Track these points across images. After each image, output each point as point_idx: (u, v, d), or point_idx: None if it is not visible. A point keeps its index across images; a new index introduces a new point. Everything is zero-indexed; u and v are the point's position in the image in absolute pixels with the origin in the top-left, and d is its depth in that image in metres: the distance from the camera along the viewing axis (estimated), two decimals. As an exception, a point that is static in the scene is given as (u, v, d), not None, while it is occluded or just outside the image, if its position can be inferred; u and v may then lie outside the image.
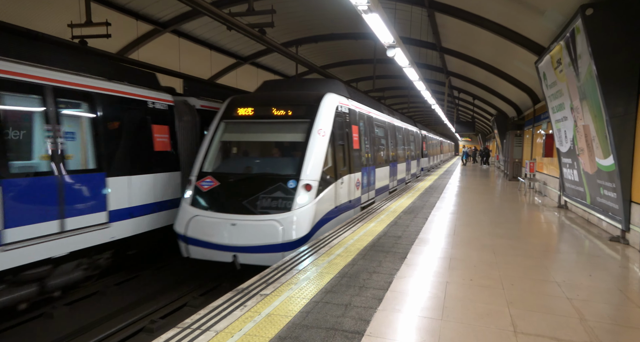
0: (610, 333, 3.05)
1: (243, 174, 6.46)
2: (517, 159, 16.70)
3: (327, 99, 7.01)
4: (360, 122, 8.91)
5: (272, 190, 6.00)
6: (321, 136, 6.48)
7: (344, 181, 7.34)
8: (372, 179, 9.82)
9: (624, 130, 5.56)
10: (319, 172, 6.23)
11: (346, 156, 7.54)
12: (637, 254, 5.39)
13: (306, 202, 5.90)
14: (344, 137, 7.54)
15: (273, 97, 7.25)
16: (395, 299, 3.60)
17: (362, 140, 9.05)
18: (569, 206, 9.19)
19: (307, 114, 6.70)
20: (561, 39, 6.66)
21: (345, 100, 7.92)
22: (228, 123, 7.06)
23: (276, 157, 7.06)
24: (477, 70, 13.93)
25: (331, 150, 6.75)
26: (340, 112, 7.32)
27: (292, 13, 11.50)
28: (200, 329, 3.00)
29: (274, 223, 5.64)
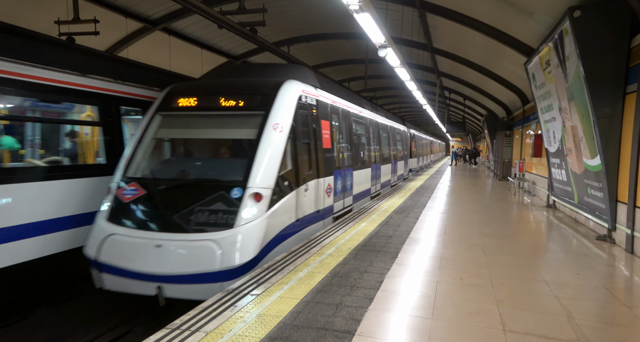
0: (597, 331, 3.10)
1: (177, 180, 5.20)
2: (507, 159, 16.89)
3: (286, 88, 5.77)
4: (333, 117, 7.65)
5: (211, 201, 4.76)
6: (277, 132, 5.24)
7: (310, 187, 6.10)
8: (349, 183, 8.49)
9: (611, 130, 5.65)
10: (273, 177, 5.01)
11: (313, 157, 6.30)
12: (623, 252, 5.48)
13: (254, 216, 4.65)
14: (310, 135, 6.27)
15: (221, 85, 5.96)
16: (386, 299, 3.61)
17: (336, 139, 7.81)
18: (558, 206, 9.31)
19: (261, 105, 5.47)
20: (550, 40, 6.75)
21: (312, 90, 6.63)
22: (164, 116, 5.78)
23: (221, 159, 5.83)
24: (467, 71, 14.05)
25: (292, 150, 5.56)
26: (304, 103, 6.11)
27: (283, 12, 11.46)
28: (190, 330, 2.97)
29: (210, 244, 4.37)
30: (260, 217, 4.72)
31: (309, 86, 6.59)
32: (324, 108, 7.07)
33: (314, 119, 6.51)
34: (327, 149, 7.02)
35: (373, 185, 11.22)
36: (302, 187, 5.78)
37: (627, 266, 4.93)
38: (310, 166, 6.19)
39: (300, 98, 5.97)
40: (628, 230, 5.41)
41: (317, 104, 6.71)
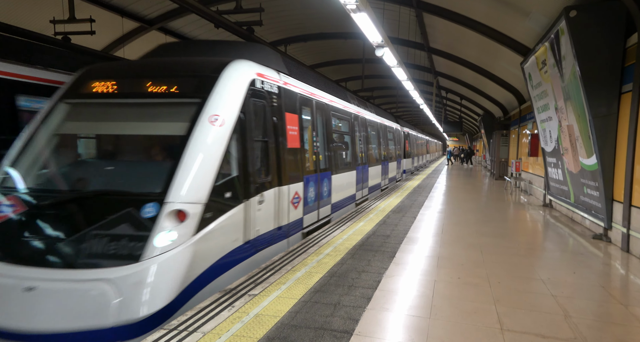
0: (594, 329, 3.11)
1: (69, 193, 3.82)
2: (504, 158, 16.95)
3: (233, 69, 4.47)
4: (304, 109, 6.32)
5: (113, 222, 3.46)
6: (217, 127, 3.97)
7: (267, 198, 4.78)
8: (326, 189, 7.14)
9: (607, 130, 5.68)
10: (206, 187, 3.73)
11: (272, 159, 5.02)
12: (619, 251, 5.51)
13: (174, 244, 3.38)
14: (269, 131, 4.99)
15: (150, 66, 4.66)
16: (384, 298, 3.61)
17: (309, 137, 6.48)
18: (554, 205, 9.36)
19: (197, 92, 4.21)
20: (546, 40, 6.78)
21: (273, 75, 5.35)
22: (70, 105, 4.41)
23: (138, 163, 4.39)
24: (464, 71, 14.09)
25: (238, 151, 4.28)
26: (260, 91, 4.84)
27: (280, 11, 11.45)
28: (187, 331, 2.96)
29: (102, 287, 3.09)
30: (182, 245, 3.40)
31: (269, 70, 5.32)
32: (291, 98, 5.76)
33: (275, 111, 5.19)
34: (295, 149, 5.67)
35: (359, 190, 9.85)
36: (254, 198, 4.47)
37: (623, 264, 4.96)
38: (268, 171, 4.89)
39: (253, 83, 4.70)
40: (624, 229, 5.44)
41: (280, 92, 5.42)
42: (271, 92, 5.18)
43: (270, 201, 4.91)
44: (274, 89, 5.29)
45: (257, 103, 4.77)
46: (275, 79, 5.40)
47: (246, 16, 9.60)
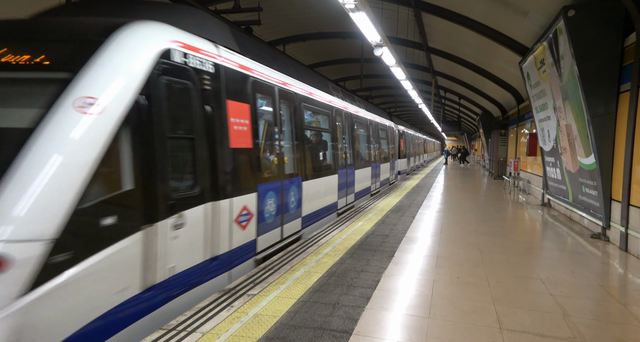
0: (592, 328, 3.12)
1: None
2: (502, 158, 16.98)
3: (130, 33, 3.14)
4: (260, 98, 4.93)
5: None
6: (88, 115, 2.71)
7: (191, 218, 3.50)
8: (294, 200, 5.84)
9: (605, 129, 5.69)
10: (56, 212, 2.43)
11: (203, 164, 3.72)
12: (618, 250, 5.52)
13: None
14: (196, 124, 3.68)
15: (14, 27, 3.27)
16: (383, 298, 3.61)
17: (265, 133, 5.05)
18: (552, 204, 9.37)
19: (67, 64, 2.91)
20: (544, 39, 6.78)
21: (208, 48, 3.98)
22: None
23: None
24: (462, 70, 14.10)
25: (135, 151, 2.98)
26: (180, 67, 3.51)
27: (279, 11, 11.44)
28: (186, 331, 2.95)
29: None
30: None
31: (200, 40, 3.93)
32: (238, 82, 4.42)
33: (208, 96, 3.85)
34: (243, 149, 4.36)
35: (341, 197, 8.48)
36: (165, 222, 3.17)
37: (621, 263, 4.97)
38: (195, 180, 3.60)
39: (168, 55, 3.37)
40: (622, 228, 5.45)
41: (218, 72, 4.05)
42: (202, 70, 3.80)
43: (197, 222, 3.58)
44: (208, 66, 3.88)
45: (174, 84, 3.43)
46: (210, 53, 3.98)
47: (245, 15, 9.59)
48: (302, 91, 6.42)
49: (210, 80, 3.91)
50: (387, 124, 14.87)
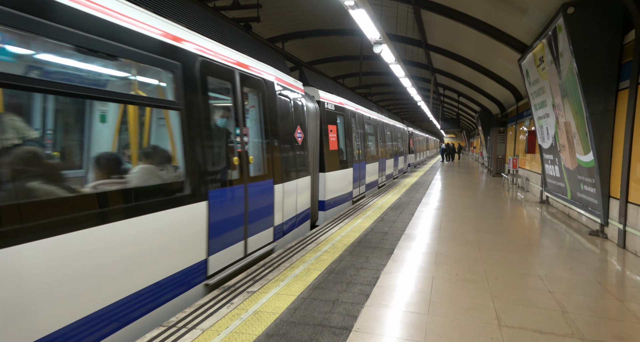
0: (591, 325, 3.14)
1: None
2: (501, 155, 17.00)
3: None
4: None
5: None
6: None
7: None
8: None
9: (604, 127, 5.70)
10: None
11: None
12: (615, 247, 5.55)
13: None
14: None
15: None
16: (383, 295, 3.62)
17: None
18: (551, 201, 9.40)
19: None
20: (543, 37, 6.78)
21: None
22: None
23: None
24: (462, 68, 14.09)
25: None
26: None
27: (278, 8, 11.40)
28: (186, 328, 2.96)
29: None
30: None
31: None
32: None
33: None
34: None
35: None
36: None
37: (619, 260, 4.99)
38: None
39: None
40: (620, 225, 5.48)
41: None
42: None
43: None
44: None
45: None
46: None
47: (244, 12, 9.55)
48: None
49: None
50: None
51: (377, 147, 13.07)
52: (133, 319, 2.91)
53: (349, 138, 9.37)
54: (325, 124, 7.67)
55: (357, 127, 10.35)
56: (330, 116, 7.99)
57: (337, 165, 8.38)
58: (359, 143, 10.47)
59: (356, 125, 10.30)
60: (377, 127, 12.82)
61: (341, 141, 8.81)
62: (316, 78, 8.45)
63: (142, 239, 2.94)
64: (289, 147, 5.70)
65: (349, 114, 9.52)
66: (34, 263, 2.16)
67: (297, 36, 13.75)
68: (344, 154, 8.97)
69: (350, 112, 9.73)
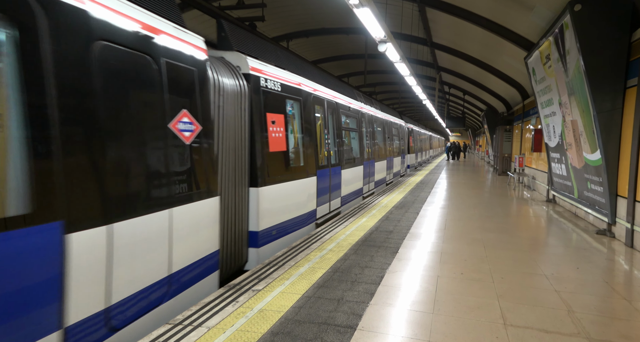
0: (597, 324, 3.12)
1: None
2: (507, 154, 16.90)
3: None
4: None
5: None
6: None
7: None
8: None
9: (611, 125, 5.65)
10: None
11: None
12: (623, 246, 5.50)
13: None
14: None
15: None
16: (387, 293, 3.62)
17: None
18: (557, 200, 9.33)
19: None
20: (550, 34, 6.72)
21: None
22: None
23: None
24: (467, 66, 14.01)
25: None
26: None
27: (282, 7, 11.40)
28: (192, 325, 2.98)
29: None
30: None
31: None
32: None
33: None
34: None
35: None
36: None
37: (627, 259, 4.95)
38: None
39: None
40: (628, 224, 5.43)
41: None
42: None
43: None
44: None
45: None
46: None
47: (248, 12, 9.57)
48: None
49: None
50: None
51: (362, 147, 10.18)
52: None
53: (310, 134, 6.57)
54: (261, 113, 5.01)
55: (327, 119, 7.58)
56: (273, 100, 5.31)
57: (286, 175, 5.61)
58: (329, 142, 7.66)
59: (325, 117, 7.53)
60: (361, 121, 10.06)
61: (294, 139, 6.13)
62: (250, 42, 5.49)
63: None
64: (149, 148, 3.03)
65: (310, 100, 6.68)
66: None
67: (301, 35, 13.76)
68: (300, 158, 6.19)
69: (314, 98, 6.87)
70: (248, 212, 4.88)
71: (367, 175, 10.67)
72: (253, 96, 4.89)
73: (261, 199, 4.94)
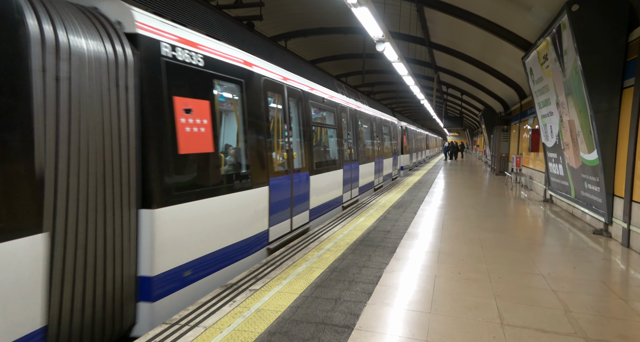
0: (594, 324, 3.12)
1: None
2: (504, 153, 16.94)
3: None
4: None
5: None
6: None
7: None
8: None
9: (608, 125, 5.67)
10: None
11: None
12: (619, 246, 5.52)
13: None
14: None
15: None
16: (385, 293, 3.62)
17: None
18: (554, 200, 9.36)
19: None
20: (548, 34, 6.74)
21: None
22: None
23: None
24: (465, 66, 14.03)
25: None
26: None
27: (281, 6, 11.38)
28: (189, 325, 2.97)
29: None
30: None
31: None
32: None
33: None
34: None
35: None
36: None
37: (623, 259, 4.96)
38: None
39: None
40: (624, 224, 5.44)
41: None
42: None
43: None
44: None
45: None
46: None
47: (246, 11, 9.55)
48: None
49: None
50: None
51: (342, 147, 8.43)
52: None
53: (259, 130, 4.78)
54: (163, 95, 3.35)
55: (288, 111, 5.72)
56: (187, 79, 3.63)
57: (213, 187, 3.89)
58: (290, 141, 5.73)
59: (286, 108, 5.67)
60: (341, 116, 8.31)
61: (231, 136, 4.61)
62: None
63: None
64: None
65: (260, 84, 4.88)
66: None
67: (300, 34, 13.74)
68: (240, 162, 4.47)
69: (266, 82, 5.04)
70: (137, 248, 3.16)
71: (349, 180, 8.90)
72: (145, 69, 3.21)
73: (159, 226, 3.22)
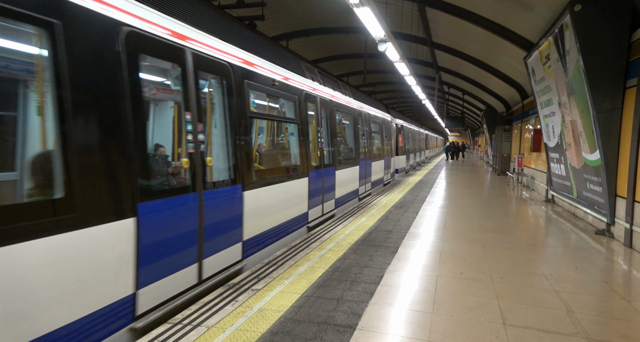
0: (596, 324, 3.12)
1: None
2: (506, 154, 16.91)
3: None
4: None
5: None
6: None
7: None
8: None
9: (611, 125, 5.65)
10: None
11: None
12: (622, 246, 5.51)
13: None
14: None
15: None
16: (387, 293, 3.62)
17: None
18: (556, 200, 9.34)
19: None
20: (550, 34, 6.73)
21: None
22: None
23: None
24: (467, 66, 14.01)
25: None
26: None
27: (282, 6, 11.39)
28: (192, 325, 2.98)
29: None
30: None
31: None
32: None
33: None
34: None
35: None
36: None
37: (626, 260, 4.95)
38: None
39: None
40: (627, 224, 5.43)
41: None
42: None
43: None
44: None
45: None
46: None
47: (248, 11, 9.55)
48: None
49: None
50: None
51: (309, 149, 6.35)
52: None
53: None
54: (67, 73, 2.32)
55: (224, 98, 4.08)
56: (93, 45, 2.52)
57: (110, 204, 2.62)
58: (220, 141, 4.04)
59: (223, 93, 4.07)
60: (308, 109, 6.38)
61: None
62: None
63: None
64: None
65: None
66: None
67: (301, 34, 13.73)
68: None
69: (168, 47, 3.26)
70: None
71: (318, 191, 6.74)
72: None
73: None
